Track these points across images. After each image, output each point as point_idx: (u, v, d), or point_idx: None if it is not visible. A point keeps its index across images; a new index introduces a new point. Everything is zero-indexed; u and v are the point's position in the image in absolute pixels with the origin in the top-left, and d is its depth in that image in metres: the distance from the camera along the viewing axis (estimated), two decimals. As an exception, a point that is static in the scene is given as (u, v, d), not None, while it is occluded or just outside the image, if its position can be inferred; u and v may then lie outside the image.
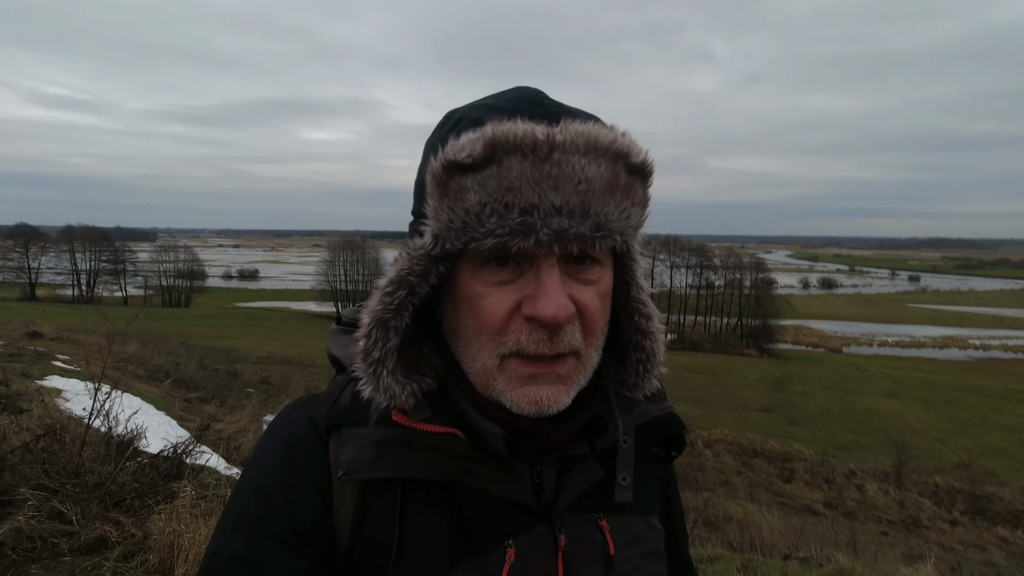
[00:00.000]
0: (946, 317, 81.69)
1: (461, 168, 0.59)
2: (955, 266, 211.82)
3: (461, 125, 0.64)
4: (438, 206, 0.61)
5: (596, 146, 0.59)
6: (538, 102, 0.66)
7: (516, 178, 0.58)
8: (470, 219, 0.59)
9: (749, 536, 7.63)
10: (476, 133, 0.59)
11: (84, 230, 72.36)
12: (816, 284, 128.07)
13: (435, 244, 0.63)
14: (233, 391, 15.01)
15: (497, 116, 0.61)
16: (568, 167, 0.58)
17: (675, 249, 66.50)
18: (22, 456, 3.53)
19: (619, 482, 0.74)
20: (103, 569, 2.62)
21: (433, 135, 0.70)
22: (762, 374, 42.04)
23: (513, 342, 0.63)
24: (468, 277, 0.64)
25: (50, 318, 16.78)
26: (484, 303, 0.63)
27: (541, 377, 0.64)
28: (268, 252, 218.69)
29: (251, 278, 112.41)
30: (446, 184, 0.60)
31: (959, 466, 24.33)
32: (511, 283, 0.63)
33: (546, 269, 0.61)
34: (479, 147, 0.58)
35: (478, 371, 0.66)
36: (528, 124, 0.59)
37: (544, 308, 0.60)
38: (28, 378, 7.92)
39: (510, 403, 0.65)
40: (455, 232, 0.60)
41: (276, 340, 38.30)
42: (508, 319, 0.63)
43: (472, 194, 0.59)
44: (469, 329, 0.65)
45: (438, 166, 0.60)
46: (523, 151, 0.58)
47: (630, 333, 0.74)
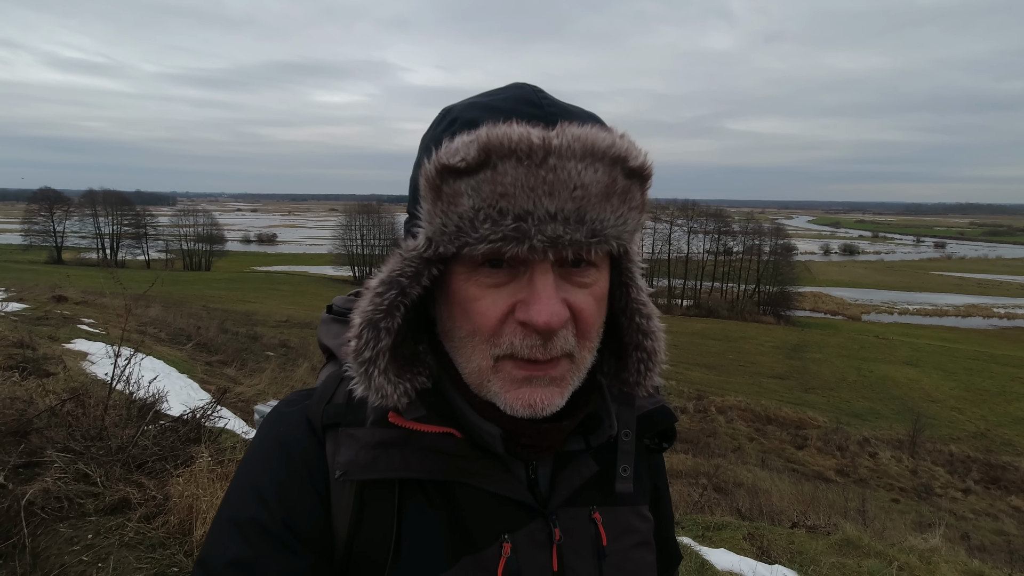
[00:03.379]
0: (971, 285, 79.94)
1: (455, 172, 0.58)
2: (983, 232, 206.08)
3: (456, 126, 0.63)
4: (431, 210, 0.60)
5: (593, 150, 0.58)
6: (535, 103, 0.64)
7: (510, 184, 0.57)
8: (464, 224, 0.58)
9: (759, 503, 7.72)
10: (470, 136, 0.58)
11: (105, 194, 73.39)
12: (837, 250, 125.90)
13: (428, 247, 0.62)
14: (253, 354, 15.36)
15: (492, 117, 0.60)
16: (564, 173, 0.57)
17: (693, 214, 65.48)
18: (49, 419, 3.66)
19: (620, 473, 0.75)
20: (126, 529, 2.73)
21: (428, 133, 0.68)
22: (778, 341, 41.83)
23: (507, 345, 0.63)
24: (462, 280, 0.63)
25: (75, 281, 17.16)
26: (478, 306, 0.63)
27: (535, 380, 0.64)
28: (285, 216, 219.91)
29: (269, 242, 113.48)
30: (439, 188, 0.59)
31: (975, 435, 24.23)
32: (505, 286, 0.62)
33: (540, 274, 0.61)
34: (473, 151, 0.57)
35: (472, 372, 0.66)
36: (524, 128, 0.57)
37: (537, 315, 0.60)
38: (55, 341, 8.16)
39: (504, 405, 0.65)
40: (448, 236, 0.60)
41: (295, 304, 38.90)
42: (502, 322, 0.63)
43: (466, 199, 0.58)
44: (463, 331, 0.65)
45: (431, 169, 0.59)
46: (518, 156, 0.56)
47: (631, 334, 0.73)
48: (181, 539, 2.75)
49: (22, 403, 3.92)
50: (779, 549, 4.70)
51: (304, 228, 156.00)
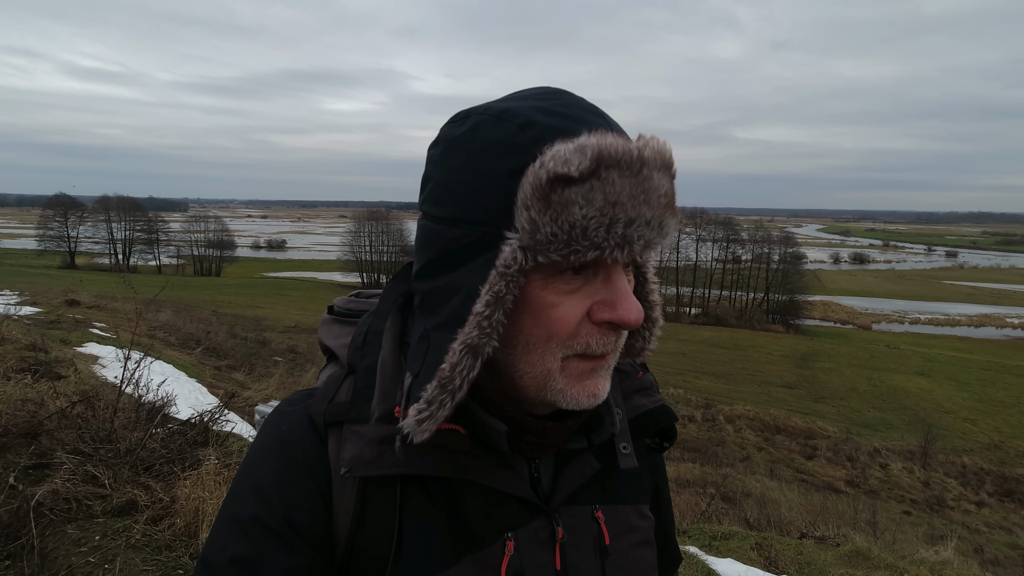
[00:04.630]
0: (983, 294, 79.03)
1: (567, 181, 0.59)
2: (996, 242, 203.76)
3: (536, 131, 0.61)
4: (539, 219, 0.59)
5: (665, 162, 0.63)
6: (598, 112, 0.66)
7: (619, 192, 0.59)
8: (575, 232, 0.59)
9: (767, 513, 7.64)
10: (575, 144, 0.59)
11: (119, 200, 74.27)
12: (847, 259, 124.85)
13: (527, 259, 0.61)
14: (261, 359, 15.44)
15: (573, 124, 0.62)
16: (653, 182, 0.61)
17: (701, 222, 65.29)
18: (59, 422, 3.70)
19: (620, 450, 0.76)
20: (133, 531, 2.75)
21: (480, 134, 0.64)
22: (787, 350, 41.49)
23: (582, 345, 0.64)
24: (539, 287, 0.63)
25: (88, 286, 17.35)
26: (557, 312, 0.63)
27: (598, 370, 0.67)
28: (295, 223, 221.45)
29: (279, 248, 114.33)
30: (549, 196, 0.59)
31: (989, 447, 23.86)
32: (579, 290, 0.64)
33: (617, 276, 0.64)
34: (587, 161, 0.58)
35: (537, 376, 0.65)
36: (622, 139, 0.60)
37: (627, 313, 0.63)
38: (67, 345, 8.26)
39: (568, 399, 0.66)
40: (558, 245, 0.60)
41: (303, 309, 39.08)
42: (579, 325, 0.64)
43: (577, 208, 0.59)
44: (533, 337, 0.64)
45: (543, 177, 0.59)
46: (621, 166, 0.59)
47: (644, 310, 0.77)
48: (187, 541, 2.77)
49: (33, 405, 3.97)
50: (787, 560, 4.65)
51: (313, 234, 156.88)
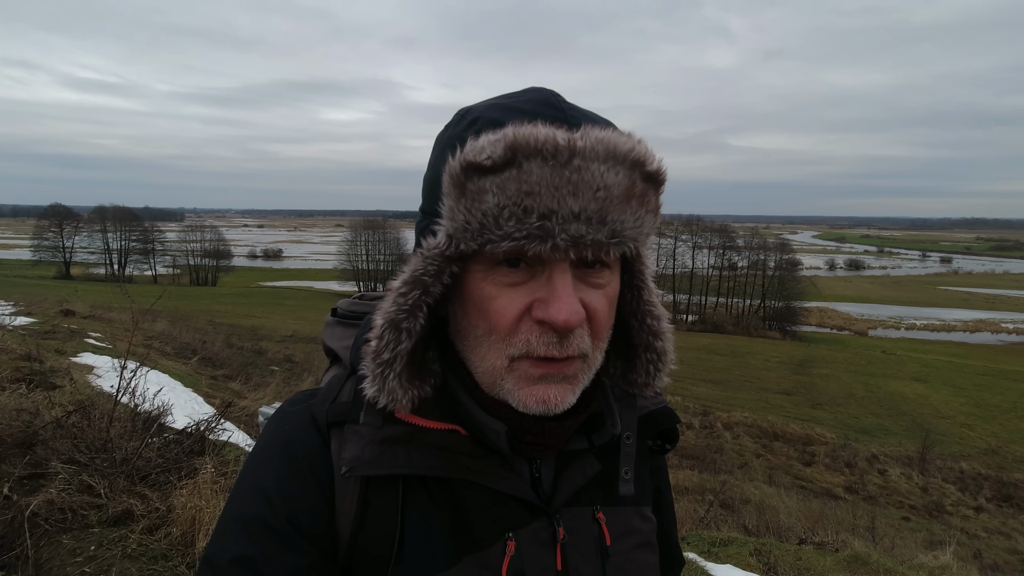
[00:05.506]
0: (978, 300, 79.30)
1: (480, 169, 0.59)
2: (990, 247, 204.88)
3: (479, 125, 0.63)
4: (454, 207, 0.61)
5: (615, 154, 0.59)
6: (556, 105, 0.66)
7: (536, 182, 0.57)
8: (487, 221, 0.59)
9: (765, 519, 7.62)
10: (496, 135, 0.59)
11: (115, 210, 74.16)
12: (843, 265, 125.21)
13: (449, 244, 0.62)
14: (258, 369, 15.37)
15: (516, 118, 0.61)
16: (588, 174, 0.58)
17: (697, 229, 65.48)
18: (54, 431, 3.68)
19: (622, 476, 0.76)
20: (129, 541, 2.73)
21: (447, 132, 0.68)
22: (784, 356, 41.52)
23: (523, 343, 0.63)
24: (479, 279, 0.63)
25: (83, 296, 17.29)
26: (495, 304, 0.63)
27: (550, 377, 0.64)
28: (291, 232, 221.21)
29: (275, 258, 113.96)
30: (464, 185, 0.60)
31: (986, 452, 23.87)
32: (522, 285, 0.63)
33: (559, 273, 0.62)
34: (499, 149, 0.58)
35: (486, 371, 0.66)
36: (549, 128, 0.58)
37: (557, 313, 0.60)
38: (62, 355, 8.21)
39: (517, 403, 0.65)
40: (471, 233, 0.60)
41: (300, 319, 38.96)
42: (518, 321, 0.63)
43: (490, 196, 0.58)
44: (478, 330, 0.65)
45: (456, 166, 0.60)
46: (543, 155, 0.57)
47: (641, 335, 0.74)
48: (184, 551, 2.75)
49: (28, 415, 3.95)
50: (786, 566, 4.63)
51: (310, 244, 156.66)
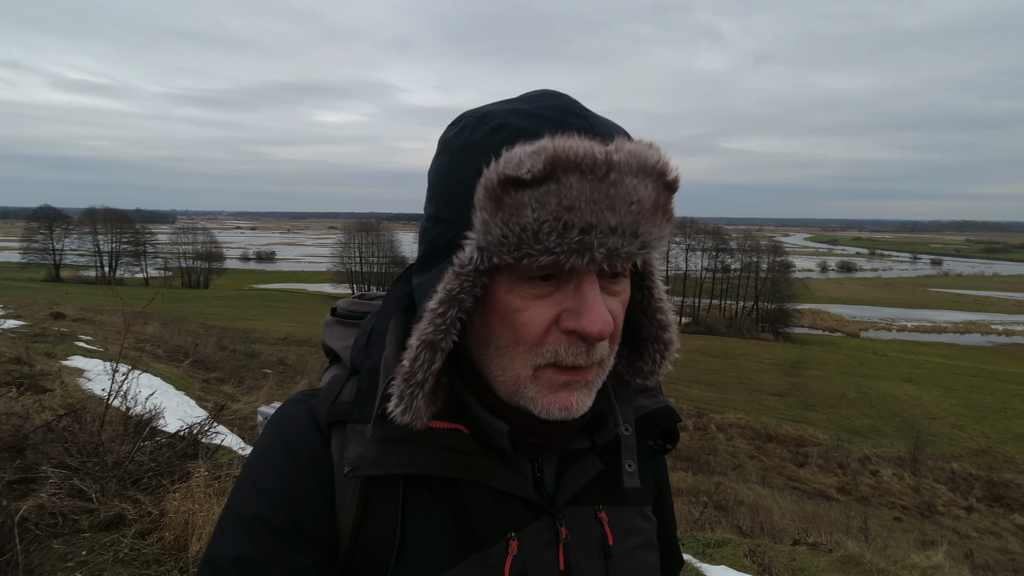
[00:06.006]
0: (968, 302, 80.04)
1: (519, 183, 0.58)
2: (979, 249, 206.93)
3: (506, 133, 0.62)
4: (490, 220, 0.59)
5: (645, 167, 0.60)
6: (580, 114, 0.65)
7: (576, 197, 0.57)
8: (526, 236, 0.58)
9: (760, 521, 7.65)
10: (533, 146, 0.58)
11: (106, 212, 73.55)
12: (835, 268, 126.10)
13: (483, 259, 0.61)
14: (250, 372, 15.27)
15: (544, 127, 0.60)
16: (623, 188, 0.58)
17: (691, 232, 65.77)
18: (44, 435, 3.64)
19: (625, 469, 0.75)
20: (121, 545, 2.70)
21: (462, 137, 0.66)
22: (777, 358, 41.71)
23: (551, 354, 0.63)
24: (505, 290, 0.63)
25: (73, 299, 17.13)
26: (523, 316, 0.63)
27: (573, 384, 0.65)
28: (284, 234, 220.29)
29: (268, 260, 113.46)
30: (501, 198, 0.58)
31: (977, 452, 24.06)
32: (549, 296, 0.63)
33: (588, 285, 0.62)
34: (540, 163, 0.57)
35: (509, 380, 0.66)
36: (587, 142, 0.58)
37: (591, 324, 0.61)
38: (52, 358, 8.13)
39: (540, 409, 0.65)
40: (508, 248, 0.59)
41: (293, 321, 38.78)
42: (546, 332, 0.63)
43: (529, 211, 0.58)
44: (503, 340, 0.64)
45: (494, 179, 0.58)
46: (582, 170, 0.57)
47: (651, 329, 0.75)
48: (176, 555, 2.72)
49: (18, 419, 3.90)
50: (780, 566, 4.65)
51: (303, 246, 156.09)
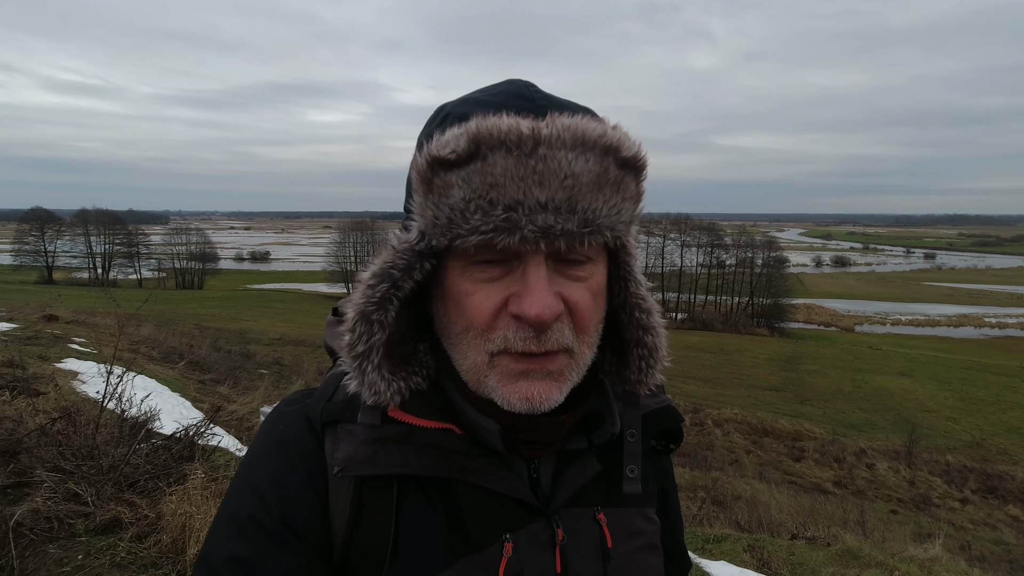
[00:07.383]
0: (961, 295, 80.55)
1: (445, 164, 0.58)
2: (972, 243, 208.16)
3: (448, 120, 0.64)
4: (423, 202, 0.61)
5: (584, 140, 0.58)
6: (526, 96, 0.65)
7: (500, 174, 0.57)
8: (455, 215, 0.58)
9: (757, 515, 7.67)
10: (460, 128, 0.58)
11: (98, 213, 73.10)
12: (829, 262, 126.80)
13: (420, 239, 0.62)
14: (246, 372, 15.22)
15: (484, 111, 0.60)
16: (554, 162, 0.57)
17: (686, 228, 65.92)
18: (38, 439, 3.61)
19: (627, 474, 0.74)
20: (117, 549, 2.68)
21: (422, 131, 0.69)
22: (773, 353, 41.88)
23: (500, 339, 0.62)
24: (456, 275, 0.63)
25: (66, 301, 17.04)
26: (471, 300, 0.62)
27: (532, 373, 0.63)
28: (279, 234, 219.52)
29: (263, 260, 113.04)
30: (431, 180, 0.60)
31: (971, 445, 24.24)
32: (498, 280, 0.62)
33: (532, 267, 0.60)
34: (463, 142, 0.57)
35: (469, 368, 0.65)
36: (513, 118, 0.58)
37: (529, 307, 0.59)
38: (45, 361, 8.06)
39: (501, 400, 0.64)
40: (440, 228, 0.60)
41: (288, 321, 38.68)
42: (495, 317, 0.62)
43: (456, 190, 0.58)
44: (457, 326, 0.64)
45: (423, 162, 0.60)
46: (508, 146, 0.56)
47: (631, 330, 0.72)
48: (174, 558, 2.70)
49: (11, 422, 3.87)
50: (779, 561, 4.66)
51: (298, 245, 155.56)
